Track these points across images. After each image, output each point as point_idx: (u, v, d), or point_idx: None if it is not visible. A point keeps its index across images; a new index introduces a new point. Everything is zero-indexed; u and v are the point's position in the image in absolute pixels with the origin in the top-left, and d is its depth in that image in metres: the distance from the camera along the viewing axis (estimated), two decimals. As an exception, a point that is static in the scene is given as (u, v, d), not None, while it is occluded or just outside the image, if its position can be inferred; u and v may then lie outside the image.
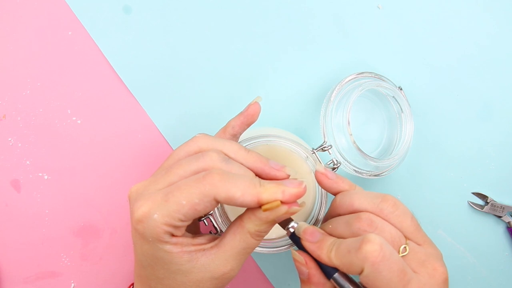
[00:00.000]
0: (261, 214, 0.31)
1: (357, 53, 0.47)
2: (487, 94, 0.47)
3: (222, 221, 0.38)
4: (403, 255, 0.32)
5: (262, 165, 0.32)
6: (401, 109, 0.44)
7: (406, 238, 0.33)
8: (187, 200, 0.30)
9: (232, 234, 0.32)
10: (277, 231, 0.40)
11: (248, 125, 0.38)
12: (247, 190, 0.30)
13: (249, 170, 0.32)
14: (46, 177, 0.46)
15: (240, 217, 0.33)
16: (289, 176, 0.33)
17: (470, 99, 0.47)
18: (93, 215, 0.46)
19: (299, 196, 0.31)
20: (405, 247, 0.32)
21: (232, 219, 0.39)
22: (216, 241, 0.33)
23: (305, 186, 0.32)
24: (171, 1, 0.46)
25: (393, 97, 0.44)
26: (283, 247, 0.38)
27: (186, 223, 0.31)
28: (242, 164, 0.32)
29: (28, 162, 0.46)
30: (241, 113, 0.38)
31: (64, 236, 0.46)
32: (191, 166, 0.31)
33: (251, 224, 0.32)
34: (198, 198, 0.30)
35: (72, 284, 0.47)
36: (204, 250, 0.32)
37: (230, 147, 0.33)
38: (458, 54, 0.47)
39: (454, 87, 0.47)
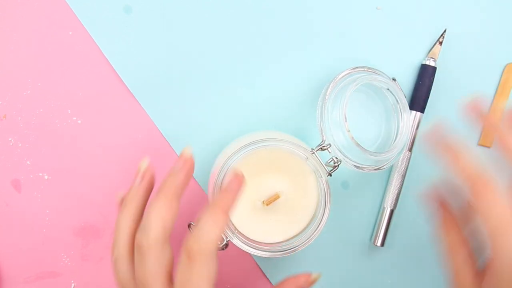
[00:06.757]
0: None
1: (354, 52, 0.47)
2: (488, 94, 0.48)
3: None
4: None
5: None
6: (397, 100, 0.44)
7: None
8: None
9: None
10: (283, 234, 0.40)
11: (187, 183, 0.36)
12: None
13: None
14: (46, 177, 0.46)
15: None
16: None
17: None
18: (94, 215, 0.46)
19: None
20: None
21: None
22: None
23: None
24: (172, 1, 0.46)
25: (388, 89, 0.44)
26: (288, 251, 0.38)
27: None
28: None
29: (28, 162, 0.46)
30: (178, 171, 0.36)
31: (64, 236, 0.46)
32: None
33: None
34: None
35: (72, 284, 0.47)
36: None
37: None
38: (458, 53, 0.47)
39: (454, 87, 0.47)
